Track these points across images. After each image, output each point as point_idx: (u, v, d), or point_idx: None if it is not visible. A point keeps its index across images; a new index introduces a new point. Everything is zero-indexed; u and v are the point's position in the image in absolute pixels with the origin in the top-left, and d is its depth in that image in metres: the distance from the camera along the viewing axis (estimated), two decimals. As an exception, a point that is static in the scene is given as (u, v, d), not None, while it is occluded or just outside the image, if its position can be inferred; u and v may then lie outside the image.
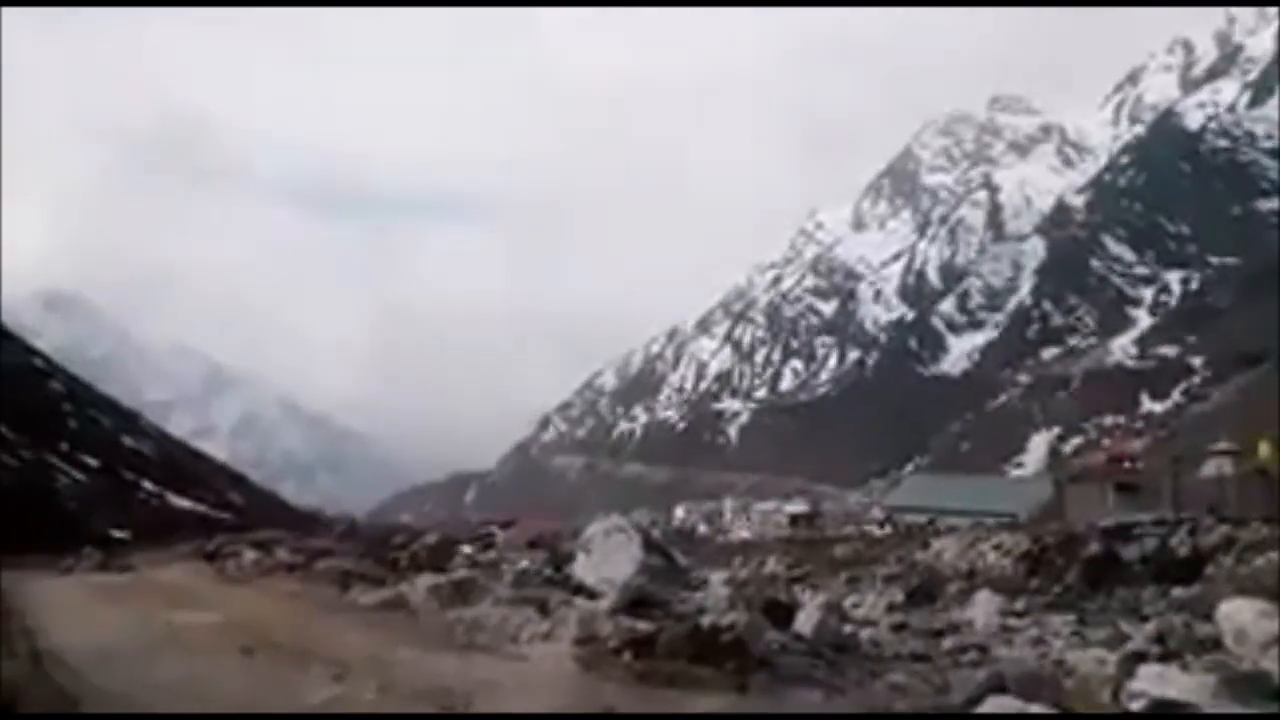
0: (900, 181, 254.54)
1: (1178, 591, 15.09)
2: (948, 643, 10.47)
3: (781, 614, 8.41)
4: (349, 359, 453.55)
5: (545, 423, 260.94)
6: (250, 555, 11.18)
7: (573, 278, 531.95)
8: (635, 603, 8.06)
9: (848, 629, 9.62)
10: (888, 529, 41.08)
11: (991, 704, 5.94)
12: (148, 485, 19.82)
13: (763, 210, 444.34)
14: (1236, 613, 7.92)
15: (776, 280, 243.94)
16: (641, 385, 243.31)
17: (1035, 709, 5.83)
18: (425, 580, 9.45)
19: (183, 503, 19.80)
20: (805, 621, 8.27)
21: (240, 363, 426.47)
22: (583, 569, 10.05)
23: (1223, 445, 33.09)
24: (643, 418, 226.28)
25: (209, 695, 5.58)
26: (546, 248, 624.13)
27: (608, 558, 9.88)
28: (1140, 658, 7.19)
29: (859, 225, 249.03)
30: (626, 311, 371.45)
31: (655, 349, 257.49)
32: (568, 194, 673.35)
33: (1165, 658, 7.52)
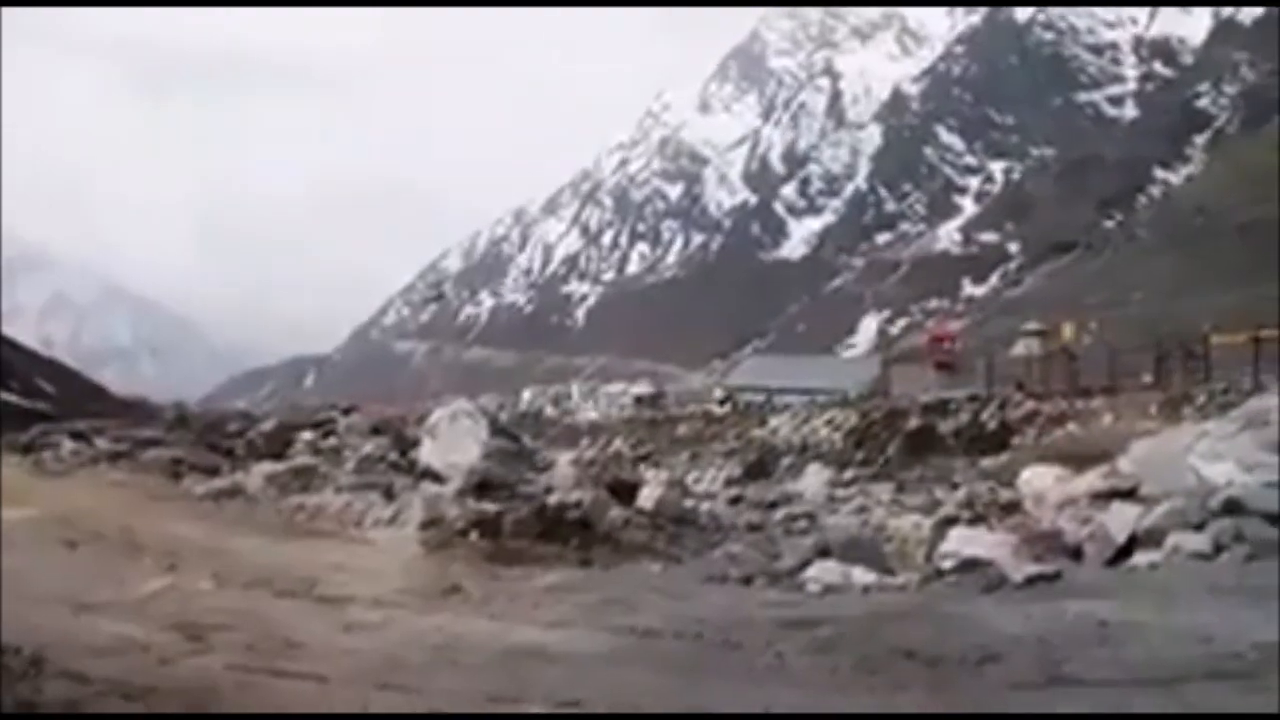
0: (747, 64, 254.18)
1: (987, 461, 16.42)
2: (780, 513, 11.08)
3: (625, 491, 8.65)
4: (172, 237, 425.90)
5: (387, 306, 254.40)
6: (69, 446, 10.51)
7: (410, 156, 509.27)
8: (482, 485, 8.11)
9: (688, 503, 9.99)
10: (728, 408, 42.53)
11: (817, 567, 6.36)
12: (-54, 374, 18.20)
13: (609, 91, 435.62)
14: (1036, 479, 8.70)
15: (624, 163, 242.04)
16: (487, 268, 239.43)
17: (857, 571, 6.28)
18: (263, 468, 9.18)
19: (-12, 392, 18.32)
20: (648, 497, 8.55)
21: (49, 239, 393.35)
22: (429, 453, 9.99)
23: (1031, 326, 35.57)
24: (489, 301, 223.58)
25: (33, 590, 5.31)
26: (380, 123, 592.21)
27: (454, 442, 9.84)
28: (951, 521, 7.80)
29: (705, 108, 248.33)
30: (469, 192, 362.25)
31: (501, 231, 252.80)
32: (399, 68, 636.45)
33: (973, 521, 8.19)
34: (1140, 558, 6.28)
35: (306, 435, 11.24)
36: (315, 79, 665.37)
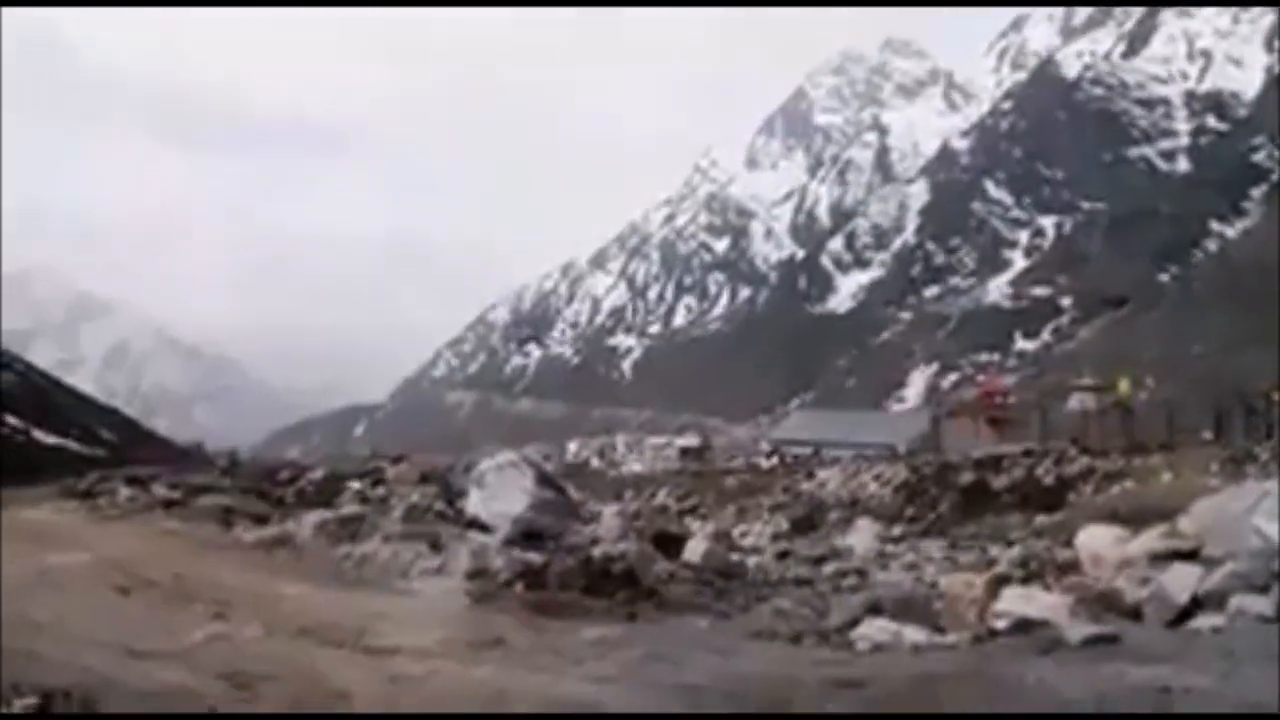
0: (793, 121, 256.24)
1: (1042, 518, 16.04)
2: (829, 568, 10.91)
3: (672, 544, 8.60)
4: (227, 290, 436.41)
5: (436, 357, 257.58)
6: (125, 492, 10.73)
7: (458, 208, 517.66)
8: (527, 535, 8.12)
9: (735, 557, 9.90)
10: (775, 461, 42.18)
11: (867, 625, 6.23)
12: (12, 421, 18.74)
13: (658, 146, 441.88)
14: (1093, 538, 8.46)
15: (671, 217, 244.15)
16: (535, 320, 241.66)
17: (908, 630, 6.15)
18: (312, 517, 9.27)
19: (50, 439, 18.83)
20: (694, 550, 8.48)
21: (110, 292, 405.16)
22: (475, 503, 10.02)
23: (1086, 381, 34.88)
24: (536, 353, 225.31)
25: (85, 634, 5.40)
26: (431, 176, 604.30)
27: (500, 492, 9.87)
28: (1005, 580, 7.60)
29: (752, 164, 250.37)
30: (519, 245, 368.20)
31: (549, 284, 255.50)
32: (451, 127, 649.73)
33: (1028, 580, 7.98)
34: (1202, 620, 6.07)
35: (355, 484, 11.35)
36: (362, 132, 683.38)
